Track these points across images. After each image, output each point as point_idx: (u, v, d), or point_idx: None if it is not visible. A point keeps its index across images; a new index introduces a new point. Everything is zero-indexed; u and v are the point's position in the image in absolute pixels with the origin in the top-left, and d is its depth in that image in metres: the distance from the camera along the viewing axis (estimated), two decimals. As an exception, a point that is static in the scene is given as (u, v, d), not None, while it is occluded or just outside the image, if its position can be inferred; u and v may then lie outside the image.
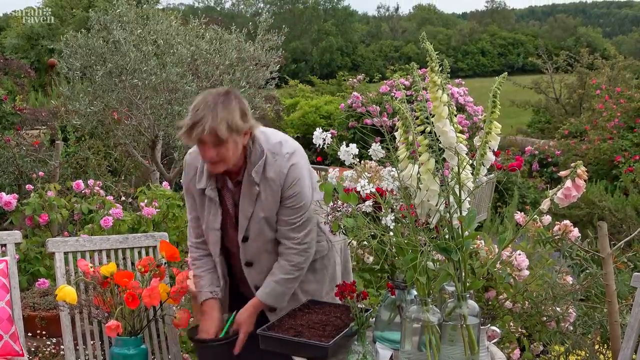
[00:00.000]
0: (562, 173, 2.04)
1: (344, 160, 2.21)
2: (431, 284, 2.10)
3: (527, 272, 3.23)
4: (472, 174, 2.07)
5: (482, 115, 9.98)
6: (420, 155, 2.03)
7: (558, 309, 3.35)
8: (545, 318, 3.34)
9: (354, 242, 3.33)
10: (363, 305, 2.35)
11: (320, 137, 2.25)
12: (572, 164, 2.03)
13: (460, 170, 2.01)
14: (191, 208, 2.89)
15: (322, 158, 11.02)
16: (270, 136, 2.73)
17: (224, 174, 2.73)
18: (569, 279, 3.47)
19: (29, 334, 4.44)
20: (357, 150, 2.21)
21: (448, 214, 2.05)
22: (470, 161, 2.05)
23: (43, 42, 19.51)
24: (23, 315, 3.27)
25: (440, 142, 2.02)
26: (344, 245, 3.04)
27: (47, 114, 10.13)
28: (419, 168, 2.05)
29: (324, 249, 2.86)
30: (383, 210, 2.13)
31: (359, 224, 2.13)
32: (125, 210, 5.60)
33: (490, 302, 3.18)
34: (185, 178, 2.86)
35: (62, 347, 3.21)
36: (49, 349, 4.32)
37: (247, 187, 2.70)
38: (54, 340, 4.40)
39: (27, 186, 6.11)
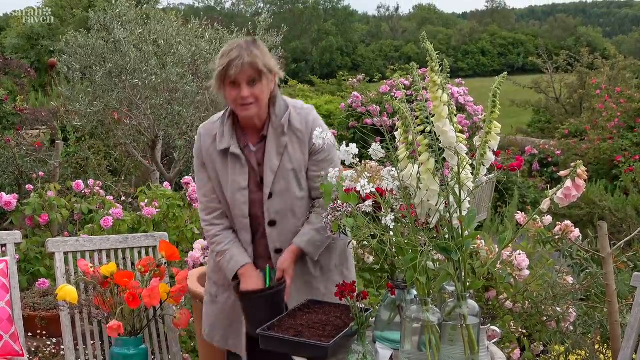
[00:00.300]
0: (562, 173, 2.04)
1: (344, 160, 2.21)
2: (431, 283, 2.09)
3: (527, 272, 3.24)
4: (472, 173, 2.07)
5: (482, 115, 9.98)
6: (420, 155, 2.03)
7: (558, 308, 3.35)
8: (545, 318, 3.34)
9: (354, 242, 3.33)
10: (363, 305, 2.35)
11: (320, 137, 2.25)
12: (572, 164, 2.03)
13: (460, 170, 2.01)
14: (204, 180, 2.83)
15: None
16: (287, 97, 2.86)
17: (246, 132, 2.76)
18: (569, 279, 3.47)
19: (29, 334, 4.44)
20: (357, 150, 2.20)
21: (448, 214, 2.05)
22: (470, 161, 2.05)
23: (43, 42, 19.51)
24: (23, 315, 3.27)
25: (440, 142, 2.01)
26: None
27: (47, 114, 10.12)
28: (418, 168, 2.05)
29: None
30: (383, 210, 2.12)
31: (359, 224, 2.13)
32: (126, 210, 5.60)
33: (490, 302, 3.19)
34: (200, 148, 2.82)
35: (62, 347, 3.22)
36: (49, 349, 4.33)
37: (273, 139, 2.72)
38: (54, 340, 4.41)
39: (27, 186, 6.11)
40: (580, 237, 3.55)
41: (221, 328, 2.90)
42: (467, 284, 2.08)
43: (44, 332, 4.53)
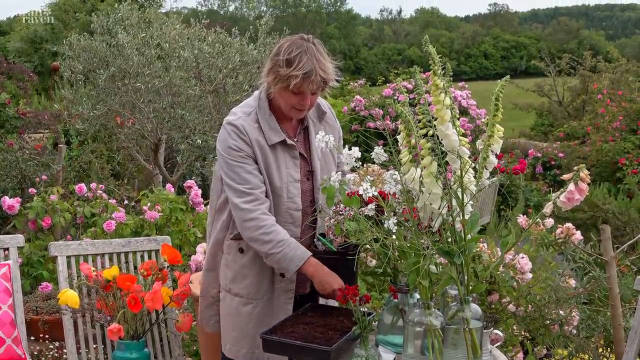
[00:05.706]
0: (565, 176, 2.04)
1: (347, 164, 2.21)
2: (434, 287, 2.09)
3: (530, 275, 3.23)
4: (474, 177, 2.06)
5: (484, 118, 9.97)
6: (422, 159, 2.03)
7: (561, 312, 3.34)
8: (548, 321, 3.33)
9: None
10: (366, 309, 2.35)
11: (322, 140, 2.25)
12: (575, 168, 2.02)
13: (463, 173, 2.01)
14: (255, 172, 2.64)
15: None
16: None
17: (283, 125, 2.74)
18: (572, 282, 3.46)
19: (32, 338, 4.44)
20: (360, 153, 2.21)
21: (451, 217, 2.05)
22: (473, 164, 2.05)
23: (46, 46, 19.57)
24: (26, 319, 3.27)
25: (443, 146, 2.01)
26: None
27: (50, 117, 10.12)
28: (421, 171, 2.04)
29: None
30: (385, 214, 2.12)
31: (362, 228, 2.13)
32: (128, 214, 5.60)
33: (493, 306, 3.18)
34: (247, 141, 2.65)
35: (64, 350, 3.22)
36: (51, 353, 4.33)
37: (313, 130, 2.78)
38: (57, 344, 4.41)
39: (30, 190, 6.11)
40: (583, 240, 3.54)
41: (249, 340, 2.75)
42: (470, 287, 2.08)
43: (46, 336, 4.53)
